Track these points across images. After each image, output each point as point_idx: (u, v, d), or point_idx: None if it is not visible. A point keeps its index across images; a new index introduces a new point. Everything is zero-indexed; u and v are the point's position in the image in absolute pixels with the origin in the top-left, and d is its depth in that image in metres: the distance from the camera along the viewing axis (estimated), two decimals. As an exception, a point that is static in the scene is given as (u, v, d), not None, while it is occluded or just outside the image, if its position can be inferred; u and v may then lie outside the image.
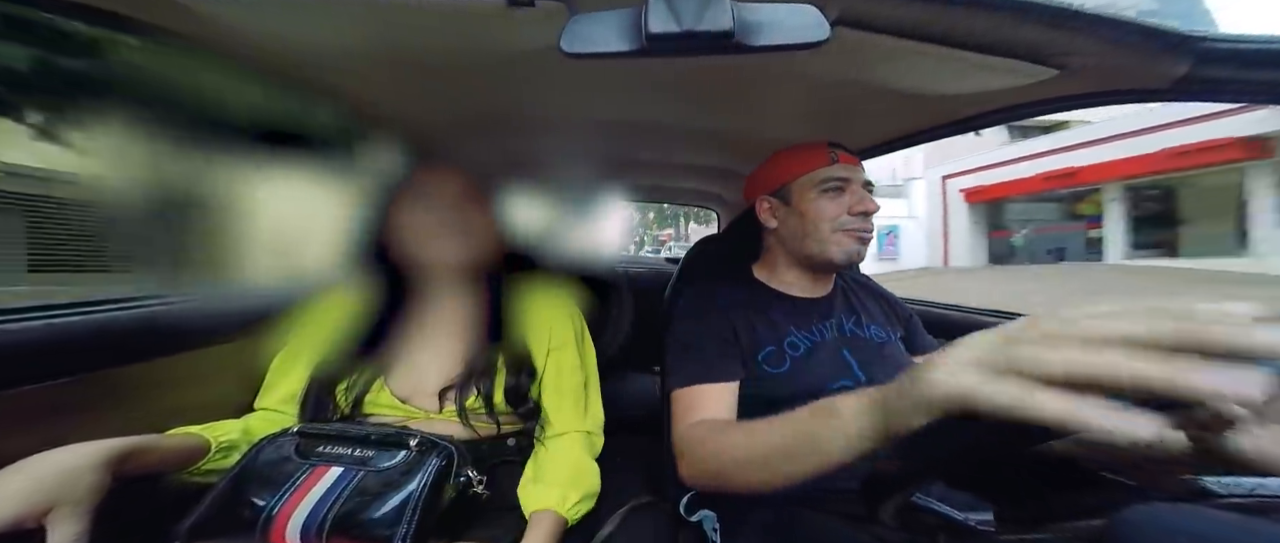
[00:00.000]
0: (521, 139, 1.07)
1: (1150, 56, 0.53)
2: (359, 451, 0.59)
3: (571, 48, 0.37)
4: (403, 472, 0.57)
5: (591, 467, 0.75)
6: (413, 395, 0.71)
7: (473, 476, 0.61)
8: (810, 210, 0.79)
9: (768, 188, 0.85)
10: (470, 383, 0.71)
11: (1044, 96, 0.69)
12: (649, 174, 1.56)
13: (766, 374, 0.75)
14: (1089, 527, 0.39)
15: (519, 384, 0.73)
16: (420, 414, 0.70)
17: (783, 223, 0.84)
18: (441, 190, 0.75)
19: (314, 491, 0.55)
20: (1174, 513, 0.32)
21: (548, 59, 0.43)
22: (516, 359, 0.75)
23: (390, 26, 0.55)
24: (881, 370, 0.75)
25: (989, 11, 0.49)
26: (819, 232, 0.78)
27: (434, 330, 0.76)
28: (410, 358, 0.74)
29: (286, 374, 0.74)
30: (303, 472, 0.57)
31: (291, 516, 0.53)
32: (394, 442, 0.60)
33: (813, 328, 0.80)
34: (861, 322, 0.84)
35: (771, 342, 0.77)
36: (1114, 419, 0.24)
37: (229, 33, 0.58)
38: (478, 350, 0.74)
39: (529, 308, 0.81)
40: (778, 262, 0.87)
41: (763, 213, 0.87)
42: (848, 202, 0.78)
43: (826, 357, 0.77)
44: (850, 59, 0.60)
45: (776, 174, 0.84)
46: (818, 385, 0.73)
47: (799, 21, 0.36)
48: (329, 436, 0.61)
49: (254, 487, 0.56)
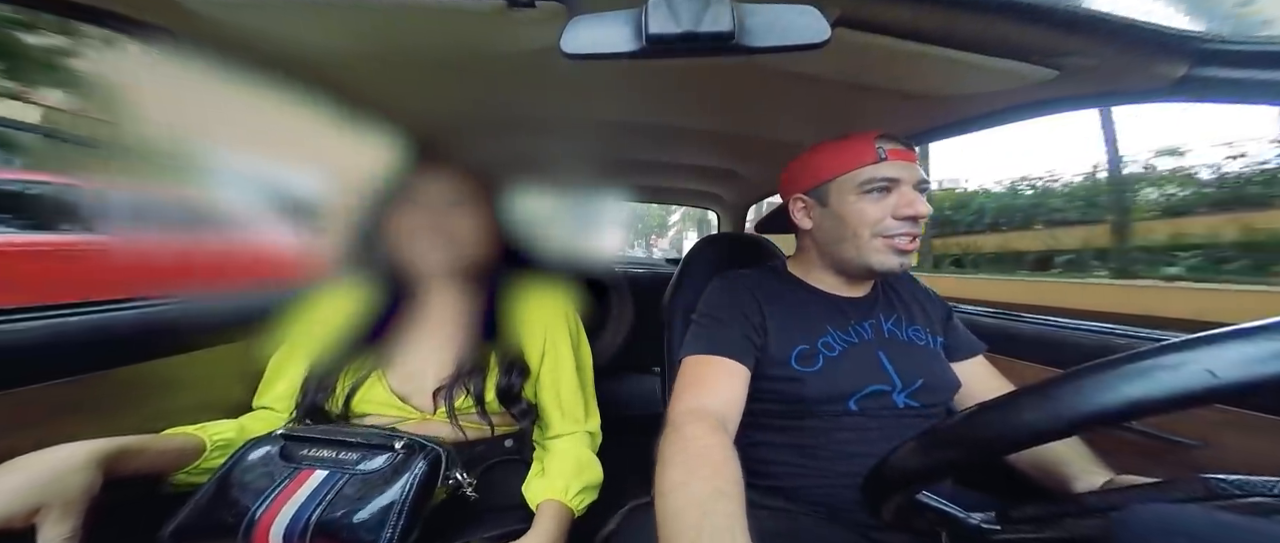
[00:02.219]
0: (522, 140, 1.07)
1: (1150, 58, 0.53)
2: (343, 454, 0.59)
3: (571, 49, 0.37)
4: (388, 475, 0.56)
5: (592, 460, 0.75)
6: (410, 394, 0.71)
7: (463, 478, 0.60)
8: (850, 214, 0.71)
9: (803, 186, 0.77)
10: (461, 382, 0.70)
11: (1044, 97, 0.69)
12: (649, 175, 1.57)
13: (797, 374, 0.71)
14: (1089, 527, 0.39)
15: (511, 383, 0.72)
16: (416, 415, 0.70)
17: (817, 225, 0.76)
18: (436, 193, 0.74)
19: (297, 495, 0.54)
20: (1174, 513, 0.32)
21: (548, 60, 0.43)
22: (509, 358, 0.74)
23: (390, 27, 0.55)
24: (918, 375, 0.72)
25: (989, 13, 0.49)
26: (858, 238, 0.71)
27: (431, 329, 0.76)
28: (408, 356, 0.73)
29: (284, 372, 0.73)
30: (286, 476, 0.56)
31: (274, 520, 0.52)
32: (379, 444, 0.59)
33: (850, 328, 0.75)
34: (902, 323, 0.78)
35: (805, 340, 0.73)
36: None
37: (229, 33, 0.58)
38: (470, 349, 0.73)
39: (525, 308, 0.80)
40: (812, 263, 0.81)
41: (796, 213, 0.79)
42: (894, 203, 0.69)
43: (862, 359, 0.73)
44: (851, 60, 0.60)
45: (814, 170, 0.75)
46: (850, 388, 0.70)
47: (799, 23, 0.36)
48: (314, 439, 0.60)
49: (237, 491, 0.55)
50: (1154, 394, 0.30)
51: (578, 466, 0.71)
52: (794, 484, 0.71)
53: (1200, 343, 0.29)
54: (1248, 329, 0.29)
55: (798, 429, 0.72)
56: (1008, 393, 0.37)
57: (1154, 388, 0.30)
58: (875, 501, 0.45)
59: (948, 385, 0.75)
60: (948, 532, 0.45)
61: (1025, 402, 0.35)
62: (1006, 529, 0.44)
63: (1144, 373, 0.30)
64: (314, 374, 0.70)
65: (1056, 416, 0.33)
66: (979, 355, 0.82)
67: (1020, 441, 0.34)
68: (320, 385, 0.69)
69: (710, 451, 0.51)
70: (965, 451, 0.38)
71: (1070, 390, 0.33)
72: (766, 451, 0.73)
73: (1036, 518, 0.43)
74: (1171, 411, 0.30)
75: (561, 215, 1.45)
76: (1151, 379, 0.30)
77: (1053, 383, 0.34)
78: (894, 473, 0.43)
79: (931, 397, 0.72)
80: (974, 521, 0.44)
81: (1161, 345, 0.31)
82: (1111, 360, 0.32)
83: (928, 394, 0.72)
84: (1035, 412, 0.34)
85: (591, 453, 0.76)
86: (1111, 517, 0.36)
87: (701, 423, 0.57)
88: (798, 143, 0.88)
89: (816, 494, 0.69)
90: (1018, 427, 0.34)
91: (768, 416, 0.74)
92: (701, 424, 0.56)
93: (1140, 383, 0.30)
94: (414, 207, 0.73)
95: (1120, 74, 0.58)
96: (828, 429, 0.70)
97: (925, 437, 0.41)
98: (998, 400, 0.37)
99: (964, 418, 0.38)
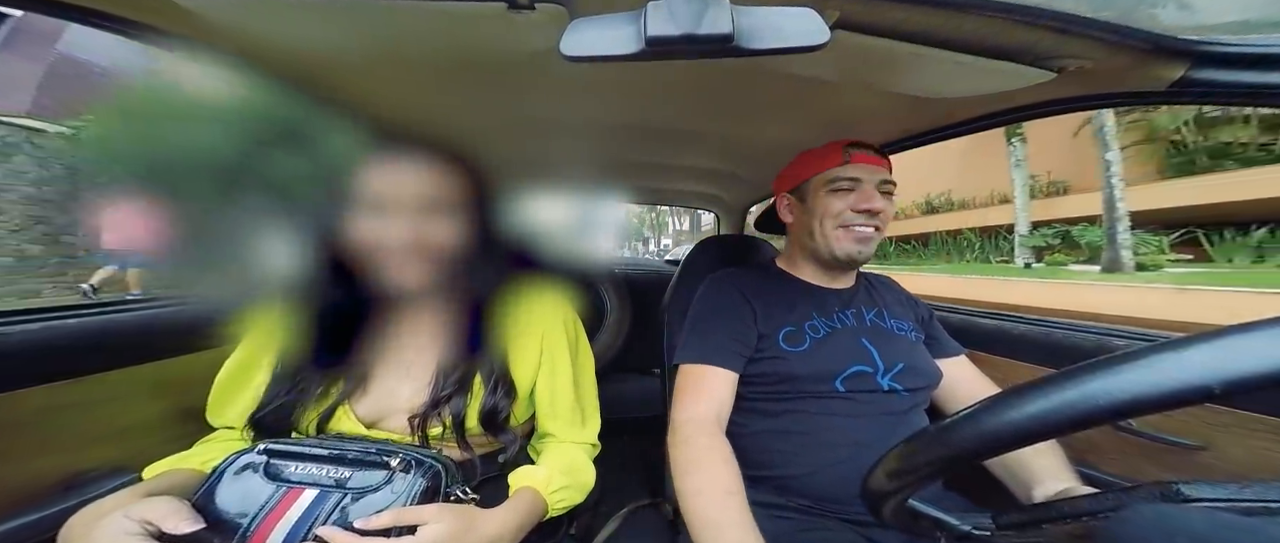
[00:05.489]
0: (522, 142, 1.07)
1: (1147, 59, 0.54)
2: (335, 470, 0.55)
3: (572, 51, 0.36)
4: (384, 494, 0.53)
5: (586, 464, 0.72)
6: (381, 419, 0.65)
7: (464, 494, 0.57)
8: (818, 207, 0.82)
9: (788, 186, 0.89)
10: (438, 408, 0.64)
11: (1042, 99, 0.69)
12: (649, 176, 1.57)
13: (785, 352, 0.77)
14: (1089, 527, 0.39)
15: (497, 405, 0.66)
16: (393, 437, 0.64)
17: (797, 219, 0.88)
18: (408, 195, 0.62)
19: (289, 515, 0.51)
20: (1174, 513, 0.32)
21: (548, 62, 0.43)
22: (496, 375, 0.67)
23: (390, 29, 0.55)
24: (899, 359, 0.77)
25: (987, 14, 0.49)
26: (824, 227, 0.81)
27: (406, 344, 0.68)
28: (377, 376, 0.66)
29: (240, 390, 0.64)
30: (275, 496, 0.52)
31: (266, 542, 0.49)
32: (374, 461, 0.55)
33: (833, 315, 0.83)
34: (883, 314, 0.86)
35: (791, 322, 0.80)
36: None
37: (228, 34, 0.58)
38: (451, 366, 0.65)
39: (519, 313, 0.72)
40: (796, 255, 0.91)
41: (782, 209, 0.91)
42: (854, 199, 0.79)
43: (845, 342, 0.79)
44: (850, 62, 0.60)
45: (796, 173, 0.87)
46: (835, 368, 0.75)
47: (799, 25, 0.36)
48: (300, 454, 0.55)
49: (222, 513, 0.51)
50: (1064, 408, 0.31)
51: (567, 464, 0.69)
52: (786, 473, 0.73)
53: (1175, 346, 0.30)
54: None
55: (788, 413, 0.76)
56: (975, 404, 0.38)
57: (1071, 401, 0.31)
58: (873, 503, 0.46)
59: (929, 373, 0.80)
60: (944, 534, 0.45)
61: (979, 414, 0.36)
62: (999, 533, 0.44)
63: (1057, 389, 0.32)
64: (273, 402, 0.62)
65: (994, 434, 0.34)
66: (961, 356, 0.88)
67: (980, 452, 0.35)
68: (280, 414, 0.61)
69: (714, 453, 0.66)
70: (943, 461, 0.38)
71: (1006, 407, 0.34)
72: (761, 438, 0.76)
73: (1030, 522, 0.43)
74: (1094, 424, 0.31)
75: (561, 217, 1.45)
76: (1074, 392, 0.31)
77: (1010, 393, 0.35)
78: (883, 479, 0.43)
79: (914, 380, 0.77)
80: (966, 527, 0.44)
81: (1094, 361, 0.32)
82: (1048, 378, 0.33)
83: (910, 377, 0.77)
84: (987, 422, 0.35)
85: (586, 459, 0.73)
86: (1111, 517, 0.36)
87: (704, 431, 0.69)
88: (797, 145, 0.88)
89: (807, 484, 0.71)
90: (970, 439, 0.36)
91: (760, 399, 0.78)
92: (704, 432, 0.69)
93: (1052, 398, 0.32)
94: (380, 212, 0.60)
95: (1118, 75, 0.58)
96: (816, 413, 0.74)
97: (909, 443, 0.42)
98: (965, 412, 0.38)
99: (940, 429, 0.39)
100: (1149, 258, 8.28)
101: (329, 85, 0.76)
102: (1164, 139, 9.71)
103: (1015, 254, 9.87)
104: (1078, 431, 0.31)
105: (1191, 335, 0.30)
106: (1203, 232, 8.56)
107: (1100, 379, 0.30)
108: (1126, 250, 7.89)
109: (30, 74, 9.64)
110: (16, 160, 6.03)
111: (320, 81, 0.74)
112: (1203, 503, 0.34)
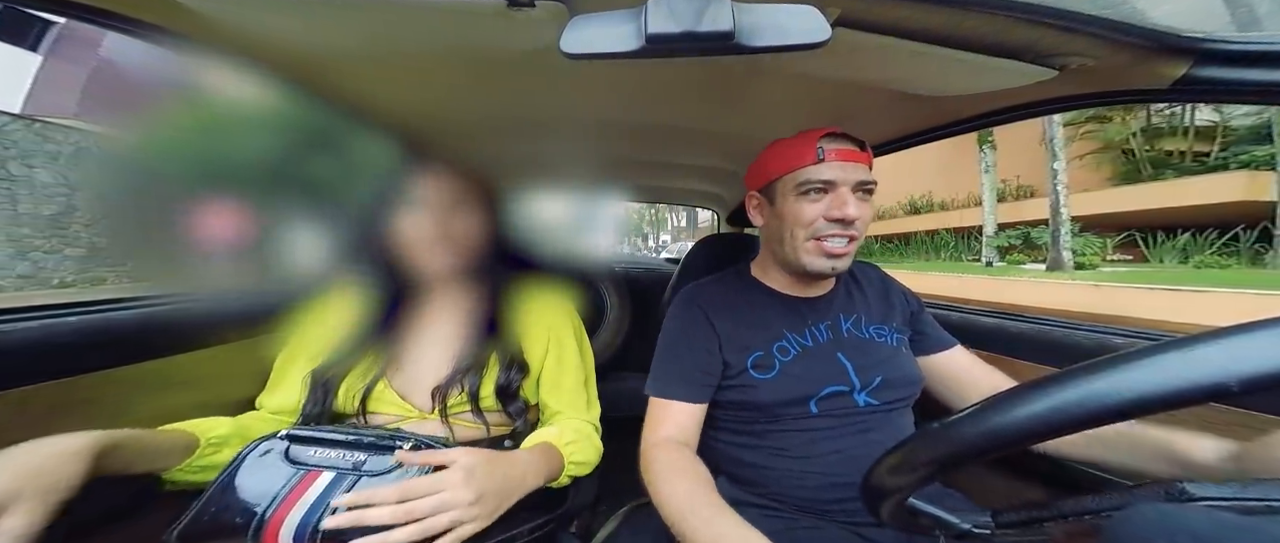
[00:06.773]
0: (523, 140, 1.07)
1: (1149, 57, 0.53)
2: (351, 455, 0.58)
3: (572, 49, 0.36)
4: (398, 474, 0.56)
5: (594, 434, 0.77)
6: (411, 392, 0.72)
7: None
8: (788, 214, 0.73)
9: (757, 183, 0.79)
10: (457, 379, 0.71)
11: (1044, 97, 0.69)
12: (650, 175, 1.56)
13: (754, 381, 0.72)
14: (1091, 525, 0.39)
15: (510, 380, 0.73)
16: (416, 413, 0.71)
17: (767, 223, 0.79)
18: (436, 196, 0.74)
19: (306, 496, 0.54)
20: (1174, 513, 0.32)
21: (548, 60, 0.43)
22: (509, 355, 0.75)
23: (390, 27, 0.55)
24: (877, 372, 0.73)
25: (989, 12, 0.49)
26: (794, 238, 0.72)
27: (433, 327, 0.77)
28: (410, 355, 0.74)
29: (287, 374, 0.74)
30: (294, 478, 0.56)
31: (284, 521, 0.52)
32: (387, 445, 0.59)
33: (806, 330, 0.76)
34: (861, 322, 0.79)
35: (760, 345, 0.74)
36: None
37: (228, 33, 0.58)
38: (471, 347, 0.74)
39: (529, 307, 0.81)
40: (769, 262, 0.83)
41: (751, 209, 0.82)
42: (827, 204, 0.70)
43: (818, 361, 0.74)
44: (851, 60, 0.60)
45: (765, 169, 0.77)
46: (808, 391, 0.71)
47: (800, 23, 0.36)
48: (319, 440, 0.60)
49: (244, 493, 0.55)
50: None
51: (580, 433, 0.74)
52: (777, 487, 0.71)
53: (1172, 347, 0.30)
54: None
55: (767, 434, 0.73)
56: (966, 407, 0.38)
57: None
58: (871, 504, 0.46)
59: (908, 381, 0.76)
60: (944, 533, 0.45)
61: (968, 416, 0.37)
62: (999, 532, 0.44)
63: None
64: (319, 380, 0.70)
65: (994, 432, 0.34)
66: (956, 347, 0.82)
67: (987, 450, 0.36)
68: (326, 391, 0.70)
69: (680, 462, 0.65)
70: (948, 459, 0.38)
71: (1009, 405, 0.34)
72: (747, 454, 0.75)
73: (1030, 520, 0.42)
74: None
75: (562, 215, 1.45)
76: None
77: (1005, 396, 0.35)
78: (885, 477, 0.43)
79: (891, 394, 0.73)
80: (965, 525, 0.44)
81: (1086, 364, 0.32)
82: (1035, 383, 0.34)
83: (887, 391, 0.73)
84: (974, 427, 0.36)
85: (593, 431, 0.78)
86: (1114, 516, 0.36)
87: (669, 448, 0.68)
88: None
89: (799, 495, 0.70)
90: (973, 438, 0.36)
91: (735, 422, 0.76)
92: (670, 449, 0.68)
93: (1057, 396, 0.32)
94: (416, 209, 0.73)
95: (1120, 73, 0.58)
96: (794, 432, 0.71)
97: (913, 440, 0.42)
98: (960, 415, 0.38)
99: (944, 426, 0.39)
100: (1087, 258, 9.10)
101: (329, 84, 0.76)
102: (1116, 147, 10.60)
103: (982, 254, 10.62)
104: (1087, 428, 0.31)
105: (1200, 334, 0.30)
106: (1140, 234, 9.55)
107: (1110, 376, 0.31)
108: (1067, 251, 8.67)
109: (75, 77, 9.68)
110: (87, 164, 6.67)
111: (320, 80, 0.74)
112: (1206, 502, 0.34)
